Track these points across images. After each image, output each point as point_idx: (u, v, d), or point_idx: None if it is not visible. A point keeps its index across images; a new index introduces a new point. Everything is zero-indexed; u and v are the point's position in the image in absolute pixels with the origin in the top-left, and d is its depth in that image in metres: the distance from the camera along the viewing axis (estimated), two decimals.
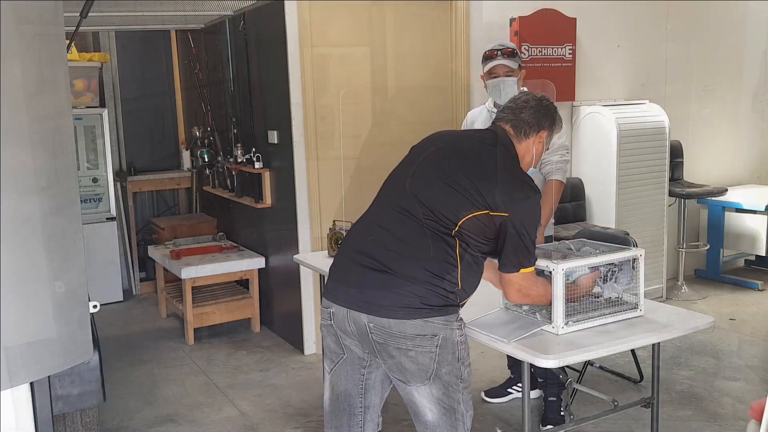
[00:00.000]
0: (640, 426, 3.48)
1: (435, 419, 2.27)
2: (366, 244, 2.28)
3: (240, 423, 3.70)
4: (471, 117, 3.66)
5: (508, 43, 3.43)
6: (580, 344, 2.37)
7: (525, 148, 2.41)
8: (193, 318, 4.90)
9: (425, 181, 2.31)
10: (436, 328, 2.18)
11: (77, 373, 2.72)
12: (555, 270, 2.39)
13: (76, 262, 1.47)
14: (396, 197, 2.32)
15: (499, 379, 4.01)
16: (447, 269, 2.20)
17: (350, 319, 2.24)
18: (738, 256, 6.25)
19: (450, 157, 2.35)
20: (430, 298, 2.17)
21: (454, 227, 2.21)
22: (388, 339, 2.18)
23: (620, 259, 2.55)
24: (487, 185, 2.24)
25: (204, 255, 5.17)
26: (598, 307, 2.54)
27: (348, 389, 2.35)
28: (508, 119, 2.42)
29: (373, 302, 2.19)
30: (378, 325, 2.18)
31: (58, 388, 2.69)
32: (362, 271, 2.23)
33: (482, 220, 2.21)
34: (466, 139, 2.51)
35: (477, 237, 2.23)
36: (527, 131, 2.40)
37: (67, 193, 1.45)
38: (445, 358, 2.21)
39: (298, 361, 4.52)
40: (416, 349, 2.18)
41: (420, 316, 2.16)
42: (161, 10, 4.69)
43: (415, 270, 2.18)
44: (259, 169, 4.79)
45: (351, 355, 2.32)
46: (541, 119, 2.42)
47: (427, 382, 2.22)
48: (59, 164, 1.43)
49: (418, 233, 2.22)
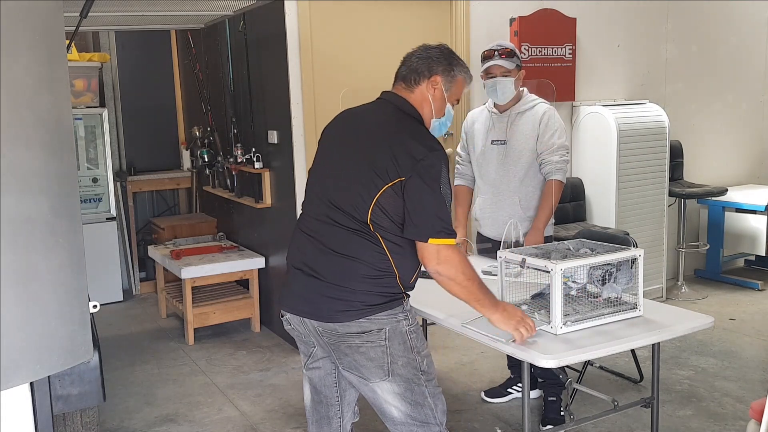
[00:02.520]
0: (640, 426, 3.48)
1: (402, 416, 2.29)
2: (304, 255, 2.31)
3: (240, 423, 3.70)
4: (471, 117, 3.67)
5: (506, 44, 3.41)
6: (580, 344, 2.37)
7: (419, 96, 2.34)
8: (193, 318, 4.90)
9: (331, 182, 2.31)
10: (381, 322, 2.21)
11: (77, 373, 2.72)
12: (553, 270, 2.39)
13: (76, 262, 1.47)
14: (317, 205, 2.33)
15: (499, 379, 4.01)
16: (381, 267, 2.21)
17: (303, 324, 2.32)
18: (738, 256, 6.25)
19: (344, 146, 2.35)
20: (371, 299, 2.20)
21: (367, 219, 2.19)
22: (337, 340, 2.24)
23: (619, 259, 2.55)
24: (377, 159, 2.20)
25: (204, 255, 5.17)
26: (597, 307, 2.54)
27: (323, 381, 2.42)
28: (400, 75, 2.38)
29: (317, 309, 2.24)
30: (326, 329, 2.25)
31: (58, 388, 2.69)
32: (305, 280, 2.28)
33: (386, 199, 2.18)
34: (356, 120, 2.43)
35: (390, 218, 2.20)
36: (417, 78, 2.33)
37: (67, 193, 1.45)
38: (397, 349, 2.23)
39: (298, 361, 4.51)
40: (365, 344, 2.21)
41: (362, 315, 2.20)
42: (161, 10, 4.69)
43: (352, 277, 2.20)
44: (259, 169, 4.79)
45: (318, 352, 2.39)
46: (431, 64, 2.34)
47: (386, 378, 2.24)
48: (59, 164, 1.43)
49: (344, 239, 2.22)
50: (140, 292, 6.21)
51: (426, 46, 2.40)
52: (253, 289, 5.11)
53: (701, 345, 4.54)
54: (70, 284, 1.46)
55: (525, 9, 4.95)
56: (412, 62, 2.36)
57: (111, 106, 6.12)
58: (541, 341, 2.39)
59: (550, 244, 2.80)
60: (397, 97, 2.36)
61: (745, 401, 3.72)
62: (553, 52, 5.05)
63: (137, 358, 4.66)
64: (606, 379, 4.06)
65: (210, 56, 5.58)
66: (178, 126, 6.50)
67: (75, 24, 3.39)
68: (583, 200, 5.31)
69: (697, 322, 2.61)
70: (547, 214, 3.37)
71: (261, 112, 4.84)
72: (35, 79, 1.38)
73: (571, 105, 5.31)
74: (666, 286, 5.54)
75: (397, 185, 2.17)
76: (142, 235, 6.35)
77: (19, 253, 1.35)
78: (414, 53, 2.39)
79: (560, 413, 3.49)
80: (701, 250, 5.98)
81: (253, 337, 5.02)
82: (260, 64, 4.77)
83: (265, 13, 4.54)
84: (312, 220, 2.33)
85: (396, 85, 2.40)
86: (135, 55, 6.29)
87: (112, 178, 5.84)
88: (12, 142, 1.32)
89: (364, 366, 2.24)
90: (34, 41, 1.37)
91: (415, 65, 2.35)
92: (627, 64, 5.55)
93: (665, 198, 5.42)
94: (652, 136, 5.28)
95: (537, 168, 3.39)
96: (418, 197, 2.16)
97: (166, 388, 4.17)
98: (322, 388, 2.44)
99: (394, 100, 2.36)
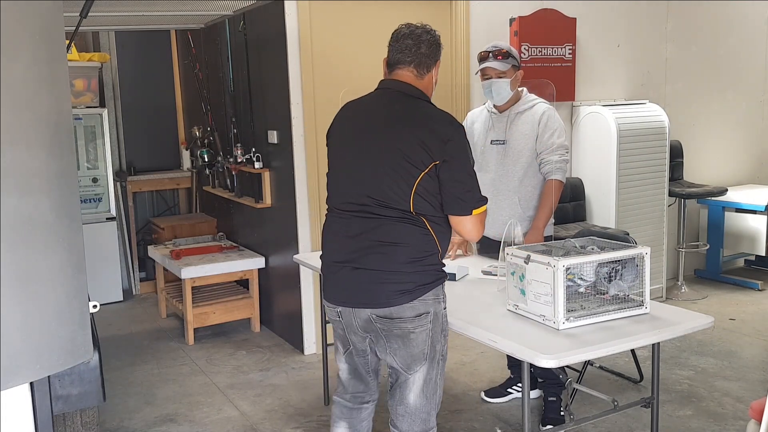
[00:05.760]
0: (640, 426, 3.48)
1: (416, 400, 2.42)
2: (348, 252, 2.39)
3: (240, 423, 3.70)
4: (471, 117, 3.66)
5: (501, 44, 3.39)
6: (582, 340, 2.37)
7: (427, 80, 2.44)
8: (193, 318, 4.90)
9: (362, 177, 2.37)
10: (428, 305, 2.35)
11: (77, 373, 2.72)
12: (556, 266, 2.40)
13: (76, 262, 1.47)
14: (351, 201, 2.39)
15: (499, 379, 4.01)
16: (426, 247, 2.34)
17: (355, 315, 2.41)
18: (738, 256, 6.25)
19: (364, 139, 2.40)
20: (422, 278, 2.33)
21: (410, 207, 2.30)
22: (391, 326, 2.34)
23: (625, 257, 2.56)
24: (406, 148, 2.28)
25: (204, 255, 5.17)
26: (604, 304, 2.55)
27: (356, 366, 2.56)
28: (409, 60, 2.41)
29: (374, 297, 2.34)
30: (379, 316, 2.35)
31: (58, 388, 2.69)
32: (353, 274, 2.37)
33: (424, 185, 2.29)
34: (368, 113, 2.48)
35: (430, 202, 2.32)
36: (429, 64, 2.43)
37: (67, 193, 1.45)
38: (437, 333, 2.39)
39: (298, 361, 4.52)
40: (416, 330, 2.34)
41: (416, 296, 2.32)
42: (161, 10, 4.69)
43: (403, 261, 2.31)
44: (259, 169, 4.79)
45: (354, 348, 2.51)
46: (436, 50, 2.45)
47: (424, 362, 2.38)
48: (59, 164, 1.43)
49: (390, 229, 2.32)
50: (140, 292, 6.21)
51: (426, 30, 2.45)
52: (253, 289, 5.11)
53: (701, 345, 4.54)
54: (70, 284, 1.46)
55: (525, 9, 4.95)
56: (423, 49, 2.41)
57: (111, 106, 6.13)
58: (542, 338, 2.39)
59: (556, 242, 2.80)
60: (402, 84, 2.41)
61: (745, 401, 3.72)
62: (553, 52, 5.05)
63: (137, 358, 4.66)
64: (606, 379, 4.06)
65: (210, 56, 5.58)
66: (178, 126, 6.50)
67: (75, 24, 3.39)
68: (583, 200, 5.31)
69: (697, 322, 2.61)
70: (547, 214, 3.37)
71: (261, 112, 4.85)
72: (35, 79, 1.38)
73: (571, 105, 5.31)
74: (666, 286, 5.54)
75: (432, 170, 2.28)
76: (142, 235, 6.35)
77: (19, 253, 1.35)
78: (421, 40, 2.42)
79: (560, 413, 3.49)
80: (701, 250, 5.98)
81: (253, 337, 5.03)
82: (260, 64, 4.77)
83: (265, 13, 4.54)
84: (349, 216, 2.40)
85: (400, 72, 2.43)
86: (135, 55, 6.29)
87: (112, 178, 5.84)
88: (12, 142, 1.32)
89: (411, 354, 2.36)
90: (34, 41, 1.37)
91: (426, 52, 2.41)
92: (627, 64, 5.55)
93: (665, 198, 5.42)
94: (652, 136, 5.28)
95: (536, 168, 3.39)
96: (455, 176, 2.30)
97: (166, 388, 4.17)
98: (358, 368, 2.57)
99: (400, 87, 2.41)
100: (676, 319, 2.60)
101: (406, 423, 2.44)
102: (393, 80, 2.44)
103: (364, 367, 2.55)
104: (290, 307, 4.72)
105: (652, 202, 5.34)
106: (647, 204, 5.32)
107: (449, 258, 3.50)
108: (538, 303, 2.52)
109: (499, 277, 2.98)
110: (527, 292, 2.56)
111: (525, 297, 2.58)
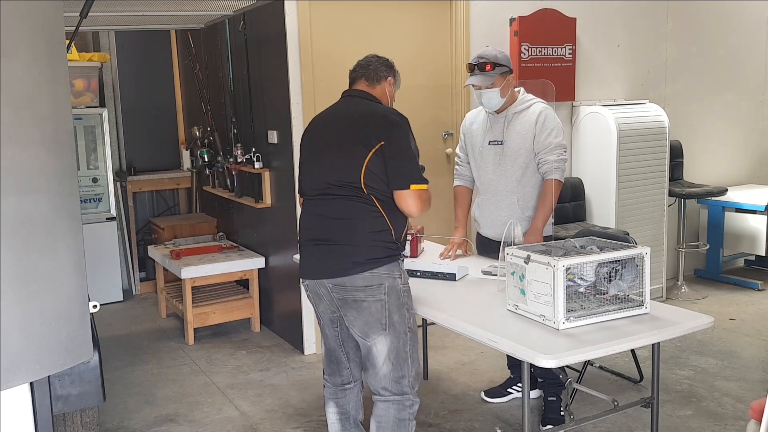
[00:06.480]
0: (640, 426, 3.48)
1: (383, 365, 2.68)
2: (313, 230, 2.76)
3: (240, 423, 3.70)
4: (470, 118, 3.66)
5: (488, 54, 3.32)
6: (582, 340, 2.37)
7: (380, 91, 2.89)
8: (193, 318, 4.90)
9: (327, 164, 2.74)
10: (381, 277, 2.64)
11: (77, 373, 2.72)
12: (556, 266, 2.40)
13: (76, 262, 1.47)
14: (316, 186, 2.76)
15: (498, 379, 4.01)
16: (378, 224, 2.64)
17: (319, 285, 2.74)
18: (738, 256, 6.25)
19: (330, 135, 2.80)
20: (373, 252, 2.63)
21: (361, 183, 2.63)
22: (345, 294, 2.66)
23: (625, 257, 2.56)
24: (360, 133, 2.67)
25: (204, 255, 5.17)
26: (604, 304, 2.55)
27: (331, 339, 2.89)
28: (360, 74, 2.89)
29: (330, 268, 2.67)
30: (336, 285, 2.67)
31: (58, 388, 2.69)
32: (317, 249, 2.72)
33: (373, 163, 2.62)
34: (332, 115, 2.90)
35: (379, 178, 2.63)
36: (378, 77, 2.88)
37: (67, 193, 1.45)
38: (393, 304, 2.66)
39: (298, 361, 4.52)
40: (368, 299, 2.63)
41: (367, 268, 2.62)
42: (161, 10, 4.69)
43: (355, 235, 2.64)
44: (259, 169, 4.79)
45: (325, 318, 2.85)
46: (385, 69, 2.90)
47: (383, 332, 2.66)
48: (59, 164, 1.43)
49: (344, 205, 2.66)
50: (140, 292, 6.21)
51: (376, 56, 2.93)
52: (253, 289, 5.11)
53: (701, 345, 4.54)
54: (70, 284, 1.46)
55: (525, 9, 4.95)
56: (372, 66, 2.88)
57: (111, 106, 6.13)
58: (542, 337, 2.39)
59: (556, 242, 2.80)
60: (361, 92, 2.87)
61: (745, 401, 3.72)
62: (553, 52, 5.05)
63: (137, 358, 4.66)
64: (606, 379, 4.06)
65: (210, 56, 5.58)
66: (178, 126, 6.50)
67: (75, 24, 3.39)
68: (583, 200, 5.31)
69: (697, 322, 2.61)
70: (546, 214, 3.36)
71: (261, 112, 4.84)
72: (35, 79, 1.38)
73: (571, 105, 5.31)
74: (666, 286, 5.54)
75: (379, 150, 2.63)
76: (142, 235, 6.35)
77: (19, 253, 1.35)
78: (370, 61, 2.91)
79: (560, 413, 3.49)
80: (701, 250, 5.98)
81: (253, 337, 5.03)
82: (260, 64, 4.77)
83: (265, 13, 4.54)
84: (315, 200, 2.76)
85: (357, 84, 2.89)
86: (135, 55, 6.29)
87: (112, 178, 5.84)
88: (12, 141, 1.32)
89: (367, 322, 2.66)
90: (34, 41, 1.37)
91: (375, 68, 2.89)
92: (627, 64, 5.55)
93: (665, 198, 5.42)
94: (652, 136, 5.28)
95: (535, 168, 3.38)
96: (396, 153, 2.65)
97: (166, 388, 4.17)
98: (332, 346, 2.90)
99: (359, 94, 2.87)
100: (676, 319, 2.60)
101: (375, 381, 2.71)
102: (353, 89, 2.90)
103: (335, 340, 2.86)
104: (290, 307, 4.72)
105: (652, 202, 5.34)
106: (647, 204, 5.32)
107: (449, 258, 3.50)
108: (538, 303, 2.52)
109: (499, 277, 2.98)
110: (527, 292, 2.56)
111: (525, 297, 2.58)
